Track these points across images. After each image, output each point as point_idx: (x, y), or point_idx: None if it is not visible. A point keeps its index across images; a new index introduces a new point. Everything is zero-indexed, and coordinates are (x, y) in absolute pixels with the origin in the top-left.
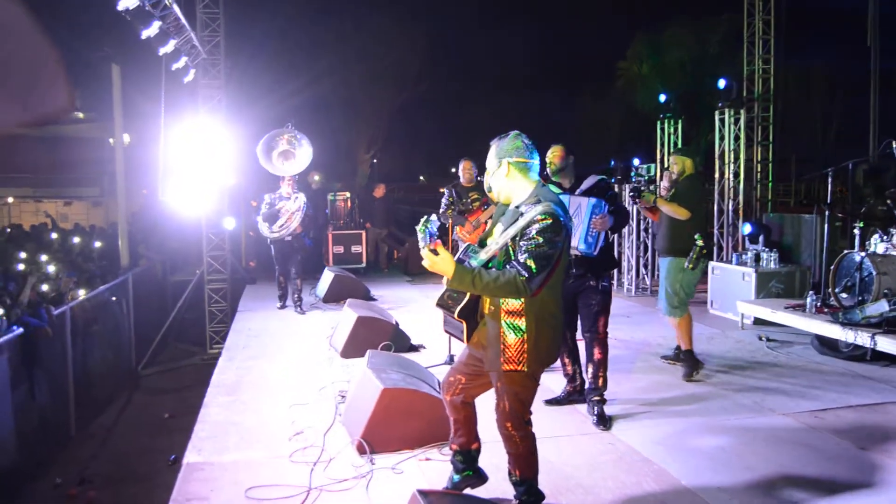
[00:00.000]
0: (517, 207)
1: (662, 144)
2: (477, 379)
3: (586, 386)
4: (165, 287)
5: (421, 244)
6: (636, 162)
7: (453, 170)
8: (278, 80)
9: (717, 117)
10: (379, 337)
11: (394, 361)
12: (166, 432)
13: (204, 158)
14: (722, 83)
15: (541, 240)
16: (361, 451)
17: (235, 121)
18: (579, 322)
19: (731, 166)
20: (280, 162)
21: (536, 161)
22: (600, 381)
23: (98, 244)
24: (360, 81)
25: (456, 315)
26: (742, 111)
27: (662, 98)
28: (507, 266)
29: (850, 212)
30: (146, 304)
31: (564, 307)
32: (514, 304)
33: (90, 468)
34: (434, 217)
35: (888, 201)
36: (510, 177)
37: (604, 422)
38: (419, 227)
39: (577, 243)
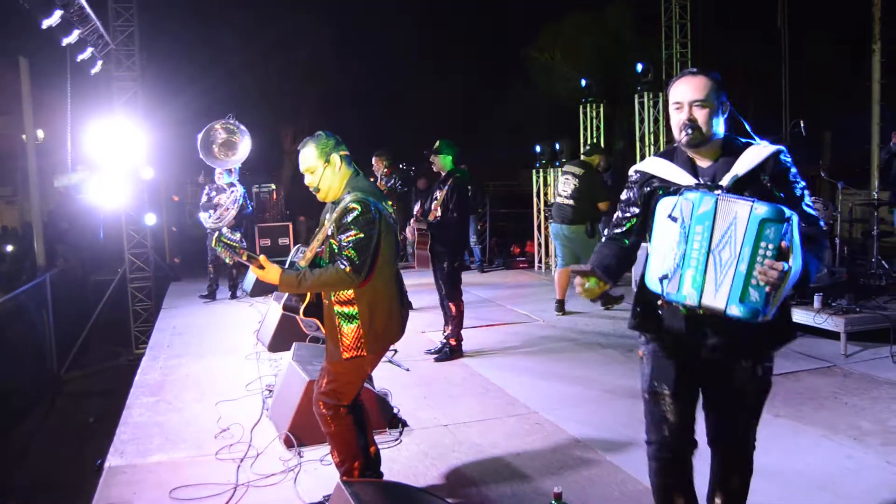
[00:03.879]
0: (335, 203)
1: (586, 129)
2: None
3: None
4: (86, 287)
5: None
6: (556, 146)
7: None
8: (198, 73)
9: (636, 101)
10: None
11: (321, 353)
12: (92, 437)
13: (120, 153)
14: (639, 67)
15: (355, 229)
16: (289, 444)
17: (154, 114)
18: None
19: (652, 148)
20: (223, 153)
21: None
22: None
23: (10, 247)
24: (282, 73)
25: (302, 314)
26: (661, 94)
27: (583, 83)
28: (332, 260)
29: None
30: (66, 305)
31: (683, 396)
32: (345, 294)
33: (11, 479)
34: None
35: None
36: (340, 170)
37: None
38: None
39: (726, 300)
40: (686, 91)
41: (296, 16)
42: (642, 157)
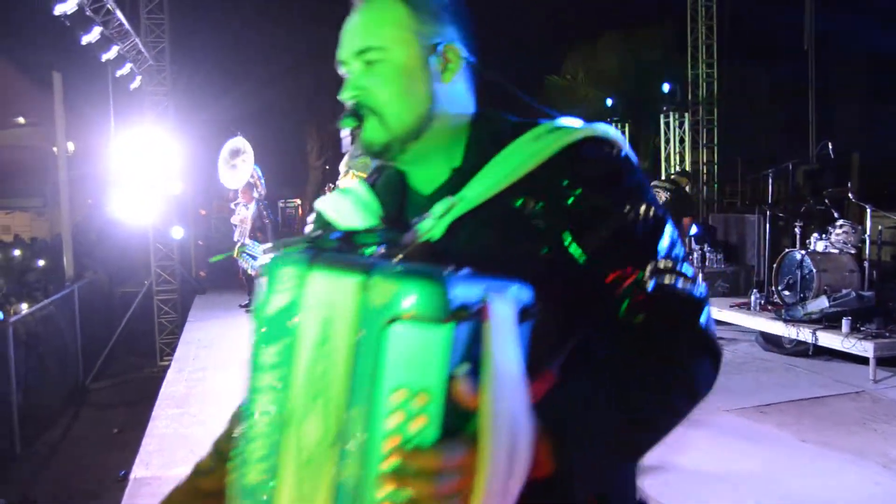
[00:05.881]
0: None
1: None
2: None
3: None
4: (113, 299)
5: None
6: None
7: None
8: (226, 87)
9: (661, 121)
10: None
11: None
12: (116, 448)
13: (151, 166)
14: (666, 87)
15: None
16: None
17: (183, 128)
18: None
19: (677, 168)
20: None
21: None
22: None
23: (42, 261)
24: (309, 88)
25: None
26: (687, 114)
27: (608, 102)
28: None
29: (790, 211)
30: (93, 316)
31: None
32: None
33: (35, 488)
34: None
35: (826, 201)
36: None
37: None
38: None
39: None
40: (349, 35)
41: (325, 30)
42: (667, 178)
